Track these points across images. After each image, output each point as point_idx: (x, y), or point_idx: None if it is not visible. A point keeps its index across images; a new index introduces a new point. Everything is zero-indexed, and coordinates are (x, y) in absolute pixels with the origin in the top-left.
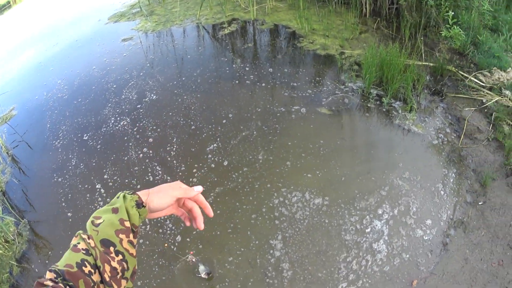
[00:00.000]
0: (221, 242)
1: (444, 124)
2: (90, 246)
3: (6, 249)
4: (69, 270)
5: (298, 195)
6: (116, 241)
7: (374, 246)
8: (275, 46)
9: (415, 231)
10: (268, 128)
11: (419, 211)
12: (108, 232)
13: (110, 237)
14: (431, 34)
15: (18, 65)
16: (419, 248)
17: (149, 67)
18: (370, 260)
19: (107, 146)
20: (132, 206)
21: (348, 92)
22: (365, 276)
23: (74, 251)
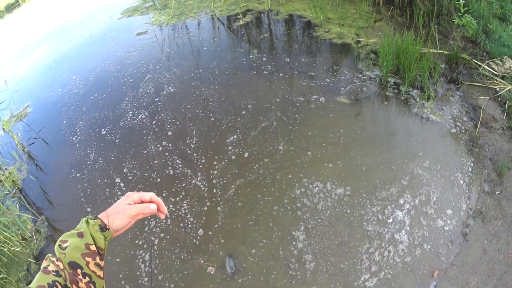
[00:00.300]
0: (243, 234)
1: (461, 113)
2: (59, 268)
3: (24, 247)
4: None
5: (319, 186)
6: (83, 264)
7: (396, 237)
8: (291, 36)
9: (436, 221)
10: (288, 118)
11: (439, 200)
12: (75, 255)
13: (77, 260)
14: (444, 22)
15: (31, 62)
16: (440, 239)
17: (165, 60)
18: (392, 250)
19: (126, 140)
20: (96, 230)
21: (366, 81)
22: (387, 267)
23: (44, 273)
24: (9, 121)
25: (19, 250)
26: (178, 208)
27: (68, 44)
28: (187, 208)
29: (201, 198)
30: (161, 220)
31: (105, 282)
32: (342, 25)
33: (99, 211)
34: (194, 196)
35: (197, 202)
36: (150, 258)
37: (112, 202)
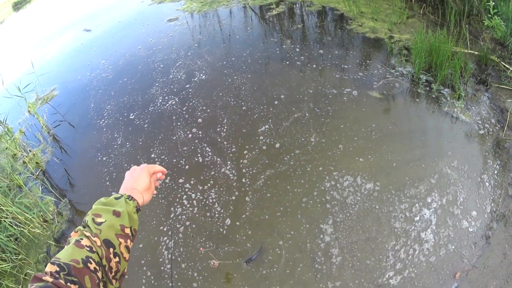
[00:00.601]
0: (270, 225)
1: (489, 114)
2: (96, 245)
3: (44, 229)
4: (75, 265)
5: (349, 180)
6: (116, 244)
7: (422, 235)
8: (323, 28)
9: (461, 222)
10: (320, 110)
11: (465, 201)
12: (109, 234)
13: (112, 239)
14: (474, 23)
15: (59, 46)
16: (464, 240)
17: (196, 47)
18: (418, 249)
19: (155, 125)
20: (134, 212)
21: (399, 77)
22: (411, 266)
23: (78, 247)
24: (35, 103)
25: (39, 232)
26: (206, 197)
27: (97, 29)
28: (214, 197)
29: (230, 188)
30: (186, 207)
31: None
32: (375, 20)
33: None
34: (223, 185)
35: (225, 191)
36: (174, 245)
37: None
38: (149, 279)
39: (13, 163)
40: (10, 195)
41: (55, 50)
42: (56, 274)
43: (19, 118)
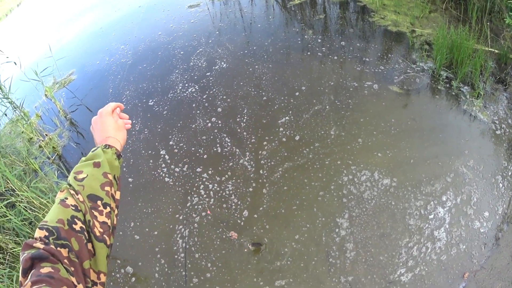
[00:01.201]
0: (287, 218)
1: (506, 115)
2: (79, 201)
3: None
4: (62, 227)
5: (367, 174)
6: (102, 195)
7: (435, 234)
8: (346, 19)
9: (474, 222)
10: (341, 103)
11: (479, 202)
12: (94, 186)
13: (96, 192)
14: (496, 20)
15: (77, 30)
16: (475, 240)
17: (217, 34)
18: (430, 247)
19: (174, 112)
20: (114, 158)
21: (419, 72)
22: (423, 264)
23: (63, 206)
24: (52, 87)
25: None
26: (223, 188)
27: (116, 13)
28: (231, 189)
29: (247, 179)
30: (203, 197)
31: (116, 216)
32: (398, 13)
33: (141, 182)
34: (240, 176)
35: (242, 182)
36: (189, 234)
37: (154, 173)
38: (163, 267)
39: (29, 147)
40: (25, 180)
41: (73, 34)
42: (45, 239)
43: (36, 102)
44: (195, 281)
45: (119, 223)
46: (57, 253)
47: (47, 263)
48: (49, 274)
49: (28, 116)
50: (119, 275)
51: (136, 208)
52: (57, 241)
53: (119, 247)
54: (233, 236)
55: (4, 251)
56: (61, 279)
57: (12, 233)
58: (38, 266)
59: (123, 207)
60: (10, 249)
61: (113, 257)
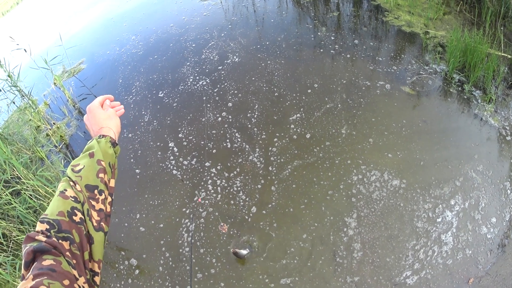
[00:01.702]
0: (295, 217)
1: None
2: (77, 192)
3: None
4: (63, 220)
5: (377, 174)
6: (97, 183)
7: (442, 237)
8: (359, 17)
9: (481, 227)
10: (353, 102)
11: (487, 207)
12: (90, 176)
13: (93, 181)
14: (509, 25)
15: (88, 20)
16: (481, 246)
17: (230, 28)
18: (437, 251)
19: (184, 104)
20: (109, 147)
21: (432, 74)
22: (429, 267)
23: (63, 198)
24: (62, 76)
25: None
26: (231, 184)
27: (128, 4)
28: (240, 185)
29: (256, 176)
30: (211, 193)
31: (110, 204)
32: (412, 14)
33: (149, 174)
34: (249, 173)
35: (251, 179)
36: (195, 229)
37: (162, 165)
38: (167, 260)
39: (36, 135)
40: (32, 168)
41: (84, 24)
42: (47, 232)
43: (45, 90)
44: (199, 276)
45: (124, 214)
46: (59, 245)
47: (49, 256)
48: (51, 267)
49: (36, 104)
50: (123, 267)
51: (143, 199)
52: (59, 234)
53: (124, 238)
54: (223, 229)
55: (8, 238)
56: (62, 272)
57: (17, 221)
58: (40, 258)
59: (129, 198)
60: (14, 237)
61: (117, 248)
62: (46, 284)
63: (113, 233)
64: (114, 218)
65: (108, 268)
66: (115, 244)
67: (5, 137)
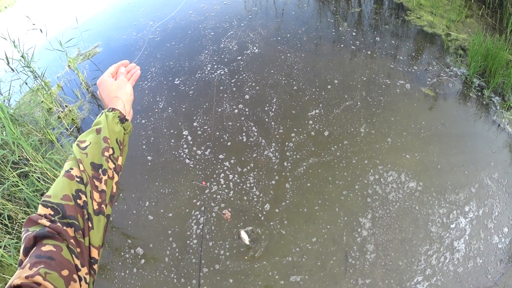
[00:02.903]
0: (308, 216)
1: None
2: (81, 171)
3: None
4: (68, 204)
5: (394, 175)
6: (102, 161)
7: (455, 244)
8: (381, 15)
9: (493, 236)
10: (372, 100)
11: (500, 216)
12: (96, 154)
13: (98, 159)
14: None
15: (105, 4)
16: (492, 255)
17: (250, 18)
18: (448, 257)
19: (200, 93)
20: (117, 122)
21: (452, 77)
22: (440, 273)
23: (68, 178)
24: (76, 58)
25: None
26: (243, 180)
27: None
28: (253, 181)
29: (270, 171)
30: (222, 186)
31: (116, 184)
32: (434, 14)
33: (161, 161)
34: (263, 168)
35: (265, 175)
36: (205, 222)
37: (175, 153)
38: (174, 251)
39: (48, 117)
40: (41, 150)
41: (101, 7)
42: (51, 217)
43: (58, 72)
44: (205, 270)
45: (133, 201)
46: (64, 232)
47: (50, 240)
48: (50, 255)
49: (49, 86)
50: (128, 255)
51: (153, 187)
52: (63, 220)
53: (131, 226)
54: (226, 216)
55: (14, 220)
56: (61, 261)
57: (23, 203)
58: (40, 243)
59: (139, 185)
60: (20, 220)
61: (124, 235)
62: (42, 274)
63: (121, 220)
64: (122, 204)
65: (114, 255)
66: (122, 231)
67: (15, 118)
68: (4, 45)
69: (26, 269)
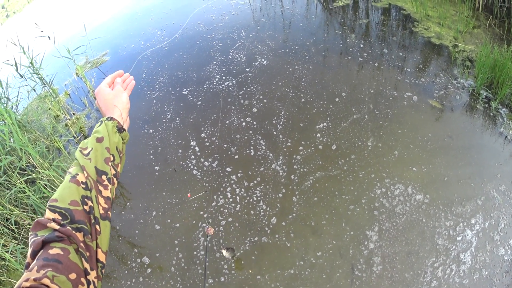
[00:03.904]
0: (315, 229)
1: None
2: (85, 177)
3: None
4: (76, 209)
5: (400, 188)
6: (107, 169)
7: (461, 256)
8: (389, 26)
9: (499, 248)
10: (380, 112)
11: (506, 228)
12: (99, 160)
13: (102, 166)
14: None
15: (113, 12)
16: (498, 267)
17: (258, 29)
18: (455, 269)
19: (208, 104)
20: (115, 132)
21: (460, 89)
22: (445, 285)
23: (75, 184)
24: (84, 66)
25: None
26: (250, 194)
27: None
28: (260, 195)
29: (277, 184)
30: (229, 200)
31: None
32: (441, 25)
33: (168, 172)
34: (270, 182)
35: (272, 188)
36: (213, 234)
37: (183, 164)
38: (180, 261)
39: (55, 125)
40: (48, 157)
41: (109, 15)
42: (60, 220)
43: (66, 79)
44: (211, 281)
45: (140, 210)
46: (74, 235)
47: (58, 244)
48: (57, 258)
49: (57, 93)
50: (135, 264)
51: (160, 197)
52: (72, 225)
53: (138, 235)
54: (209, 231)
55: (20, 226)
56: (69, 265)
57: (29, 209)
58: (47, 246)
59: (146, 194)
60: (26, 225)
61: (130, 244)
62: (50, 277)
63: (128, 229)
64: (129, 213)
65: (120, 264)
66: (129, 240)
67: (23, 124)
68: (13, 50)
69: (34, 272)
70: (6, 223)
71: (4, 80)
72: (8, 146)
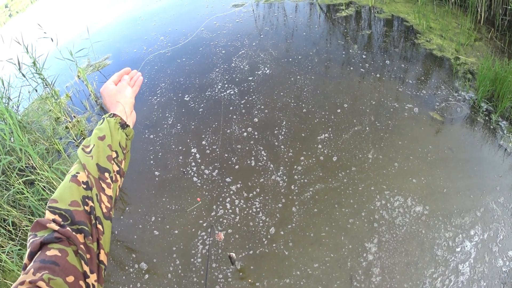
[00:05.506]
0: (314, 240)
1: None
2: (86, 175)
3: None
4: (77, 210)
5: (400, 200)
6: (109, 167)
7: (460, 267)
8: (391, 37)
9: (497, 260)
10: (381, 124)
11: (504, 240)
12: (101, 157)
13: (104, 163)
14: None
15: (116, 16)
16: (496, 279)
17: (261, 38)
18: (453, 280)
19: (210, 111)
20: (118, 128)
21: (460, 101)
22: None
23: (75, 183)
24: (86, 69)
25: None
26: (249, 206)
27: (158, 3)
28: (259, 206)
29: (277, 194)
30: (228, 211)
31: (119, 187)
32: (443, 38)
33: (168, 177)
34: (269, 192)
35: (271, 198)
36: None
37: (183, 170)
38: (177, 267)
39: (56, 127)
40: (48, 159)
41: (112, 19)
42: (60, 222)
43: (67, 82)
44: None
45: (139, 215)
46: (73, 237)
47: (56, 245)
48: (54, 260)
49: (58, 95)
50: (133, 270)
51: (160, 203)
52: (72, 226)
53: (137, 240)
54: (218, 237)
55: (17, 227)
56: (66, 267)
57: (27, 211)
58: (45, 247)
59: (146, 200)
60: (24, 227)
61: (129, 250)
62: (46, 280)
63: (127, 234)
64: (128, 218)
65: (118, 269)
66: (127, 245)
67: (23, 125)
68: (15, 50)
69: (30, 274)
70: (3, 224)
71: (5, 79)
72: (8, 146)
